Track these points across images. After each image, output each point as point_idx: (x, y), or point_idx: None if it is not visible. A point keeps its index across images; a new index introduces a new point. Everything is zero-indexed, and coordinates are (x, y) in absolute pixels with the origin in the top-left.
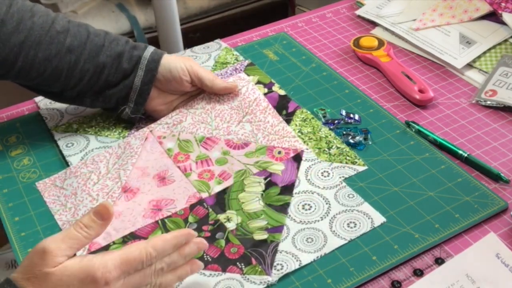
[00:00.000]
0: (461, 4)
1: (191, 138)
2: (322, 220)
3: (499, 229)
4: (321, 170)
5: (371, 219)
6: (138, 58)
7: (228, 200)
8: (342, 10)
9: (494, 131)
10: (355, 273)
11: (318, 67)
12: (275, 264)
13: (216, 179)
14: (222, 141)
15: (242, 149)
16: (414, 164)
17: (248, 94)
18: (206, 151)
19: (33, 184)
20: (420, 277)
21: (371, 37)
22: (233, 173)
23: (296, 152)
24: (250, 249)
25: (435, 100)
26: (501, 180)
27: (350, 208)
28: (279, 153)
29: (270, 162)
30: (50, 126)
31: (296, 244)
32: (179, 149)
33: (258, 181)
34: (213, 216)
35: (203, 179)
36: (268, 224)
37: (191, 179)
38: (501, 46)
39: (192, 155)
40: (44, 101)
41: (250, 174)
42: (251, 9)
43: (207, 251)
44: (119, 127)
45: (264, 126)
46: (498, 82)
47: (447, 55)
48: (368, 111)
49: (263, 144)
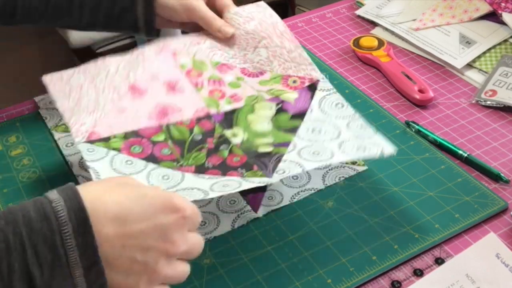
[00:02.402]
0: (461, 4)
1: (206, 60)
2: (331, 141)
3: (499, 229)
4: (335, 101)
5: (381, 148)
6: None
7: (237, 119)
8: (342, 10)
9: (494, 131)
10: (355, 273)
11: (318, 67)
12: (277, 170)
13: (226, 99)
14: (238, 68)
15: (256, 77)
16: (414, 164)
17: (265, 19)
18: (220, 74)
19: (33, 184)
20: (420, 277)
21: (371, 37)
22: (245, 97)
23: (311, 81)
24: (253, 158)
25: (435, 100)
26: (501, 180)
27: (360, 136)
28: (294, 82)
29: (284, 90)
30: (50, 126)
31: (302, 155)
32: (193, 66)
33: (269, 106)
34: (219, 131)
35: (213, 97)
36: (274, 141)
37: (201, 94)
38: (501, 46)
39: (205, 73)
40: (44, 101)
41: (262, 100)
42: None
43: (209, 160)
44: None
45: (281, 52)
46: (498, 82)
47: (447, 55)
48: (368, 111)
49: (278, 73)
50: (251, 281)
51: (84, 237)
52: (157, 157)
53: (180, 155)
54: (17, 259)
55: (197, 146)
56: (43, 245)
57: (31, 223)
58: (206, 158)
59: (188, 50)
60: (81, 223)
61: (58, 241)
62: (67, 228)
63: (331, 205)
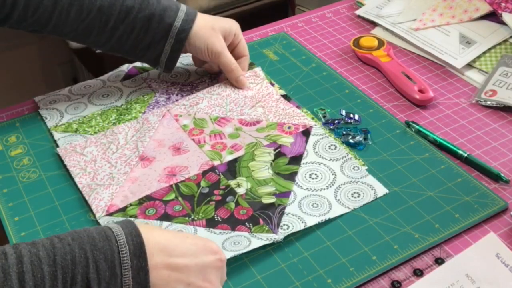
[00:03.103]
0: (461, 4)
1: (206, 117)
2: (328, 189)
3: (499, 229)
4: (328, 144)
5: (374, 190)
6: (168, 27)
7: (239, 168)
8: (342, 10)
9: (494, 131)
10: (355, 273)
11: (318, 67)
12: (282, 225)
13: (228, 150)
14: (235, 119)
15: (253, 126)
16: (414, 164)
17: (262, 90)
18: (220, 127)
19: (33, 184)
20: (420, 277)
21: (371, 37)
22: (245, 145)
23: (305, 127)
24: (258, 211)
25: (435, 100)
26: (501, 180)
27: (354, 179)
28: (288, 128)
29: (280, 135)
30: (50, 126)
31: (302, 208)
32: (194, 125)
33: (268, 152)
34: (224, 182)
35: (216, 150)
36: (276, 190)
37: (204, 149)
38: (501, 46)
39: (206, 130)
40: (44, 101)
41: (261, 146)
42: (251, 9)
43: (218, 213)
44: None
45: (276, 110)
46: (498, 82)
47: (447, 55)
48: (368, 111)
49: (274, 121)
50: (251, 281)
51: (138, 260)
52: (170, 215)
53: (190, 210)
54: (80, 272)
55: (206, 199)
56: (104, 262)
57: (95, 242)
58: (215, 211)
59: (188, 112)
60: (137, 247)
61: (116, 261)
62: (125, 250)
63: None
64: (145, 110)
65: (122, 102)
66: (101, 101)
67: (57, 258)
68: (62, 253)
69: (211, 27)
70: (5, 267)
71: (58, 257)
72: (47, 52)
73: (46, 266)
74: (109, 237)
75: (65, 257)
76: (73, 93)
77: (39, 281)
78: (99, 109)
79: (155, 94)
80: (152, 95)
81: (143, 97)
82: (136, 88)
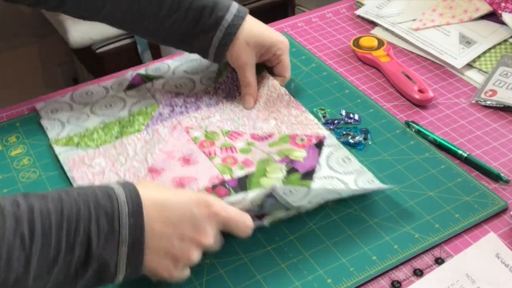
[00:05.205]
0: (461, 4)
1: (217, 130)
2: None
3: (499, 229)
4: (342, 156)
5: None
6: (220, 19)
7: (250, 183)
8: (342, 10)
9: (494, 131)
10: (355, 273)
11: (318, 67)
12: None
13: (239, 165)
14: (248, 134)
15: (266, 140)
16: (414, 164)
17: (271, 93)
18: (231, 141)
19: (33, 184)
20: (420, 277)
21: (371, 37)
22: (256, 162)
23: (318, 138)
24: None
25: (435, 100)
26: (501, 180)
27: (368, 190)
28: (301, 140)
29: (292, 149)
30: (51, 138)
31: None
32: (205, 138)
33: (279, 168)
34: None
35: (227, 164)
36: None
37: (214, 162)
38: (501, 46)
39: (217, 142)
40: (46, 109)
41: (273, 161)
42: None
43: None
44: None
45: (288, 119)
46: (498, 82)
47: (447, 55)
48: (368, 111)
49: (286, 133)
50: (251, 281)
51: (136, 219)
52: None
53: None
54: (83, 225)
55: None
56: (104, 218)
57: (97, 199)
58: None
59: (200, 125)
60: (135, 206)
61: (116, 218)
62: (124, 209)
63: (331, 205)
64: (148, 122)
65: (125, 113)
66: (103, 111)
67: (64, 210)
68: (68, 206)
69: (245, 40)
70: (17, 215)
71: (65, 210)
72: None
73: (53, 217)
74: (111, 196)
75: (71, 210)
76: (75, 101)
77: (46, 229)
78: (101, 120)
79: (158, 105)
80: (155, 107)
81: (146, 109)
82: (140, 98)
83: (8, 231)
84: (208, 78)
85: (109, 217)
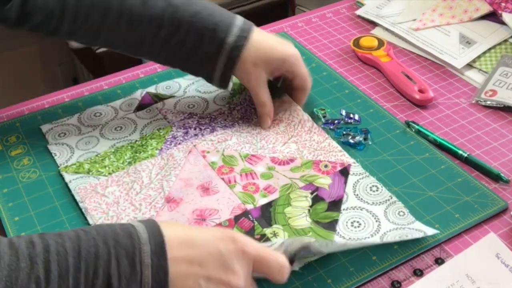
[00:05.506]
0: (461, 4)
1: (235, 154)
2: (372, 237)
3: (499, 229)
4: (369, 185)
5: (424, 232)
6: (221, 42)
7: (274, 213)
8: (342, 10)
9: (494, 131)
10: (355, 273)
11: (318, 67)
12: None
13: (261, 192)
14: (267, 157)
15: (287, 165)
16: (414, 164)
17: (292, 118)
18: (251, 166)
19: (33, 184)
20: (420, 277)
21: (371, 37)
22: (279, 187)
23: (343, 165)
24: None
25: (435, 100)
26: (501, 180)
27: (401, 226)
28: (325, 166)
29: (316, 175)
30: (59, 164)
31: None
32: (223, 163)
33: (304, 195)
34: (259, 230)
35: (248, 191)
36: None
37: (235, 190)
38: (501, 46)
39: (236, 168)
40: (52, 132)
41: (296, 188)
42: (251, 9)
43: None
44: None
45: (310, 144)
46: (498, 82)
47: (447, 55)
48: (368, 111)
49: (309, 159)
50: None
51: (159, 259)
52: None
53: None
54: (102, 267)
55: None
56: (125, 259)
57: (118, 238)
58: None
59: (216, 149)
60: (158, 245)
61: (137, 258)
62: (146, 248)
63: None
64: (162, 146)
65: (136, 136)
66: (114, 134)
67: (81, 250)
68: (87, 246)
69: (252, 62)
70: (32, 255)
71: (82, 250)
72: (47, 52)
73: (71, 258)
74: (132, 235)
75: (89, 250)
76: (83, 123)
77: (63, 271)
78: (112, 144)
79: (171, 128)
80: (169, 130)
81: (159, 132)
82: (151, 119)
83: (23, 274)
84: (222, 98)
85: (130, 258)
